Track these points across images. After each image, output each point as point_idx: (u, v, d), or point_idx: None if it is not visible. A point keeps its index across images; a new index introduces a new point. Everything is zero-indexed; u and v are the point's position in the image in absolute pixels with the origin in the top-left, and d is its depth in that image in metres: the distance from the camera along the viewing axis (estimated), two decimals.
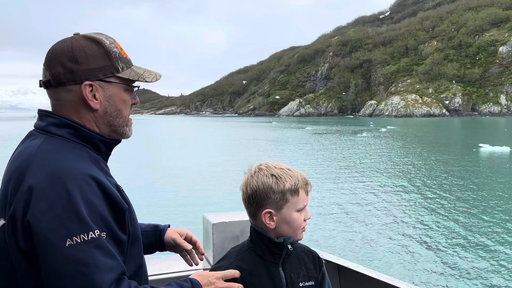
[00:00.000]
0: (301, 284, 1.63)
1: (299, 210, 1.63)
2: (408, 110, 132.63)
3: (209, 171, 26.44)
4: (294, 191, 1.61)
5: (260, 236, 1.64)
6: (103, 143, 1.48)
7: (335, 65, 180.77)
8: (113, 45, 1.47)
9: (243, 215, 2.25)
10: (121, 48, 1.50)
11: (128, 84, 1.50)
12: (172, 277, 2.32)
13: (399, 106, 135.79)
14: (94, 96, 1.44)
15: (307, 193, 1.65)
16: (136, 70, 1.52)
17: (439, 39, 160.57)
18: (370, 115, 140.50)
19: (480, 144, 35.48)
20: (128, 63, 1.50)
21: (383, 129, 63.70)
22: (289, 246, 1.63)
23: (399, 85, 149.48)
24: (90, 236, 1.23)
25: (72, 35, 1.49)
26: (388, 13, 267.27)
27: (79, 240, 1.21)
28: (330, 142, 45.80)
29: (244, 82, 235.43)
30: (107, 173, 1.44)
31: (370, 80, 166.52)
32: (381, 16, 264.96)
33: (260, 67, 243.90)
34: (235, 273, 1.59)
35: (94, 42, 1.45)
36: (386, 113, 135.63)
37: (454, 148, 39.06)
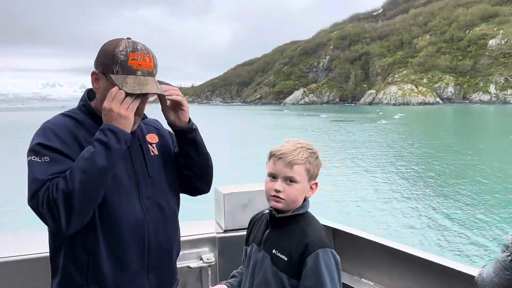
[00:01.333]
0: (273, 251, 1.57)
1: (269, 176, 1.62)
2: (406, 99, 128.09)
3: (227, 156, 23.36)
4: (269, 156, 1.65)
5: None
6: (94, 119, 1.61)
7: (336, 58, 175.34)
8: (123, 52, 1.52)
9: (250, 187, 2.52)
10: (134, 59, 1.53)
11: (116, 85, 1.52)
12: (188, 240, 2.29)
13: (396, 95, 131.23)
14: (97, 83, 1.60)
15: (274, 163, 1.60)
16: (127, 80, 1.52)
17: (432, 33, 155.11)
18: (370, 103, 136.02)
19: None
20: (127, 71, 1.52)
21: (396, 116, 60.09)
22: (266, 211, 1.65)
23: (396, 75, 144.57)
24: (28, 159, 1.51)
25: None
26: (380, 10, 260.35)
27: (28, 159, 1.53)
28: (356, 129, 42.16)
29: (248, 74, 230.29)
30: (90, 139, 1.53)
31: (368, 71, 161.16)
32: (374, 13, 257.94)
33: (265, 60, 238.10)
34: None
35: (114, 44, 1.56)
36: (385, 102, 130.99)
37: (490, 135, 35.47)
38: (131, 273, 1.55)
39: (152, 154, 1.71)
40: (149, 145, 1.72)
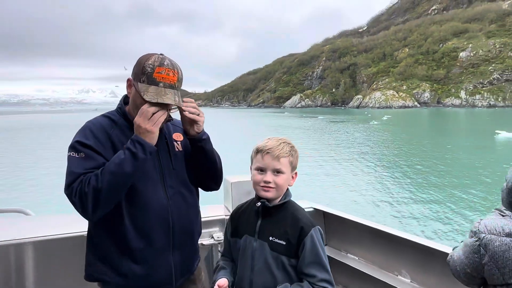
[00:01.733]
0: (271, 238, 1.50)
1: (256, 169, 1.54)
2: (388, 103, 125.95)
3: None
4: (256, 152, 1.56)
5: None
6: (126, 120, 1.60)
7: (328, 68, 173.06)
8: (151, 65, 1.50)
9: None
10: (159, 72, 1.50)
11: (140, 94, 1.50)
12: (202, 221, 2.11)
13: (380, 100, 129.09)
14: (130, 88, 1.59)
15: (262, 157, 1.53)
16: (149, 89, 1.50)
17: (410, 47, 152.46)
18: (358, 106, 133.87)
19: (497, 131, 29.96)
20: (151, 82, 1.50)
21: (384, 118, 58.00)
22: (258, 203, 1.54)
23: (379, 83, 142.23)
24: (68, 154, 1.51)
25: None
26: (365, 27, 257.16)
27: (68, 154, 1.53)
28: (353, 129, 40.25)
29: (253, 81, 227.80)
30: (127, 136, 1.52)
31: (355, 79, 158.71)
32: (360, 30, 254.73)
33: (267, 69, 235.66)
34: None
35: (145, 58, 1.54)
36: (371, 105, 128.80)
37: (473, 134, 33.61)
38: (157, 250, 1.56)
39: (177, 150, 1.68)
40: (175, 142, 1.69)
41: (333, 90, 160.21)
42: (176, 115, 1.66)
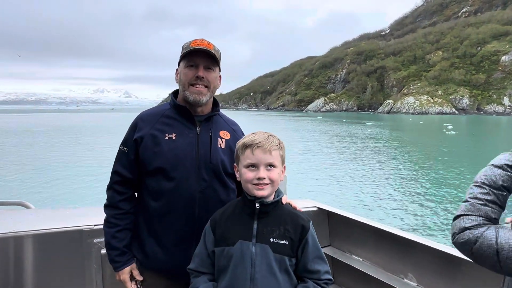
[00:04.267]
0: (272, 240, 1.40)
1: (247, 166, 1.44)
2: (424, 109, 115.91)
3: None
4: (243, 148, 1.47)
5: (244, 192, 1.49)
6: (175, 108, 1.68)
7: (353, 71, 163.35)
8: (188, 41, 1.65)
9: None
10: (194, 42, 1.62)
11: (185, 62, 1.63)
12: None
13: (414, 105, 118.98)
14: (177, 75, 1.69)
15: (252, 152, 1.43)
16: (185, 53, 1.62)
17: (444, 50, 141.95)
18: (388, 112, 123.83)
19: None
20: (186, 48, 1.62)
21: (449, 126, 48.89)
22: (257, 204, 1.43)
23: (411, 87, 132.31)
24: (119, 147, 1.66)
25: None
26: (388, 30, 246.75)
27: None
28: (439, 140, 31.55)
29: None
30: (168, 124, 1.63)
31: (383, 83, 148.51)
32: (382, 33, 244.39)
33: (285, 72, 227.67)
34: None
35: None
36: (403, 111, 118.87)
37: None
38: (178, 238, 1.59)
39: (219, 146, 1.67)
40: (219, 138, 1.68)
41: (359, 94, 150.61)
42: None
